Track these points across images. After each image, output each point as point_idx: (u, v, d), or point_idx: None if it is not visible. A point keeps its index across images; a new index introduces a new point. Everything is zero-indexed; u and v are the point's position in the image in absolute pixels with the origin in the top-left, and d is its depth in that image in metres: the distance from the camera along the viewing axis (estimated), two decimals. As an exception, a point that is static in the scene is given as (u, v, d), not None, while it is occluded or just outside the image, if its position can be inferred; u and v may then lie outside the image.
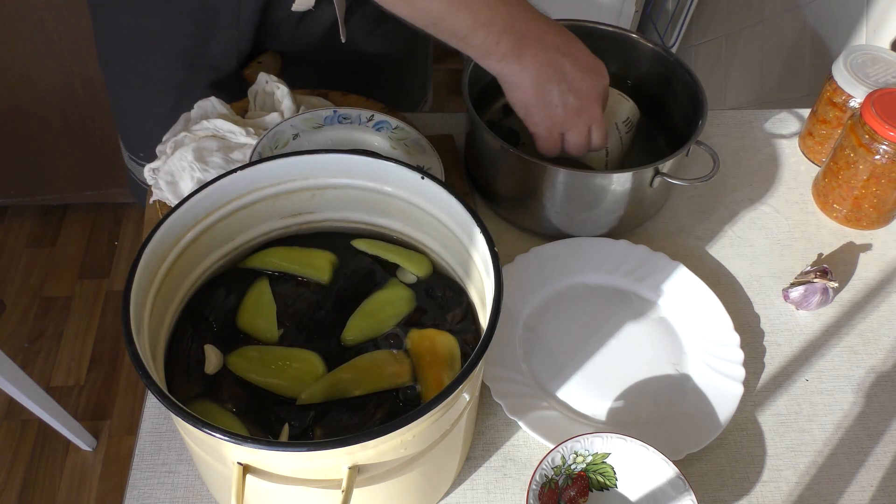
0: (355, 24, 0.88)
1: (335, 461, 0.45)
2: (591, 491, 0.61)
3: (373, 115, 0.77)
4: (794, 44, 1.34)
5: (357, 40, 0.89)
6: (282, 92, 0.80)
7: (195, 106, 0.79)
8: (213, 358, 0.55)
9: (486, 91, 0.83)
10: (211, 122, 0.75)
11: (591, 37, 0.74)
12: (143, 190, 0.83)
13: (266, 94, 0.82)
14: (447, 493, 0.62)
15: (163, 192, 0.73)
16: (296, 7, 0.81)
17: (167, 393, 0.44)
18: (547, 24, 0.66)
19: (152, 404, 0.67)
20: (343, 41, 0.84)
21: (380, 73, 0.95)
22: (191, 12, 0.82)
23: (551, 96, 0.66)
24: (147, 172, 0.75)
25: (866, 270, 0.81)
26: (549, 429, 0.64)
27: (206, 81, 0.86)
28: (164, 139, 0.77)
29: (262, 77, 0.82)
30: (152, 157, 0.76)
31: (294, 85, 0.82)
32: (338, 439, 0.42)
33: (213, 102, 0.79)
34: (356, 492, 0.47)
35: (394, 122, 0.78)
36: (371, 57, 0.93)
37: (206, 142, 0.73)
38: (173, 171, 0.73)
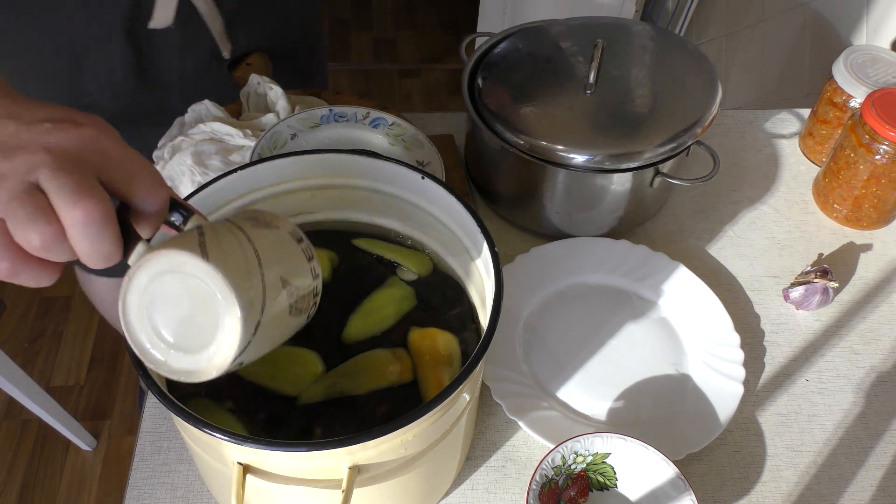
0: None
1: (335, 461, 0.45)
2: (592, 491, 0.61)
3: (368, 112, 0.77)
4: (794, 44, 1.34)
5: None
6: (276, 93, 0.80)
7: (189, 110, 0.79)
8: (212, 358, 0.54)
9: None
10: (208, 125, 0.75)
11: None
12: None
13: (258, 96, 0.82)
14: (447, 493, 0.62)
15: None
16: (153, 24, 0.77)
17: (167, 393, 0.44)
18: None
19: (152, 404, 0.67)
20: (226, 57, 0.82)
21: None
22: (59, 44, 0.79)
23: None
24: None
25: (866, 270, 0.81)
26: (550, 429, 0.64)
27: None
28: (160, 144, 0.77)
29: (254, 79, 0.81)
30: None
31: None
32: (338, 439, 0.42)
33: (206, 106, 0.78)
34: (356, 492, 0.47)
35: (390, 118, 0.78)
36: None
37: (204, 145, 0.73)
38: (173, 176, 0.73)
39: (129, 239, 0.38)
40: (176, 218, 0.41)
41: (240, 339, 0.38)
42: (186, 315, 0.38)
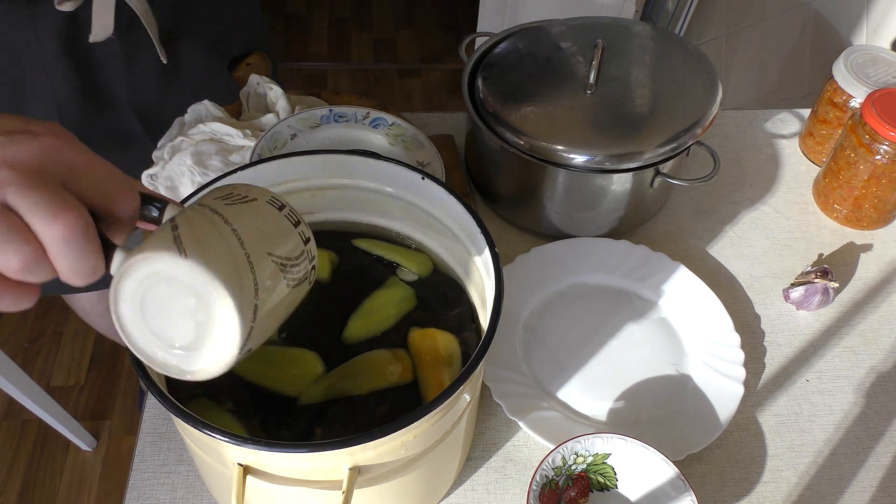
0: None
1: (336, 462, 0.45)
2: (592, 491, 0.61)
3: (368, 113, 0.77)
4: (795, 44, 1.34)
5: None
6: (276, 93, 0.79)
7: (189, 110, 0.78)
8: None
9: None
10: (207, 125, 0.75)
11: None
12: None
13: (258, 96, 0.82)
14: (448, 494, 0.62)
15: (162, 198, 0.73)
16: (93, 38, 0.74)
17: (167, 394, 0.44)
18: None
19: (152, 405, 0.67)
20: (164, 62, 0.80)
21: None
22: None
23: None
24: (145, 178, 0.75)
25: (867, 270, 0.81)
26: (550, 429, 0.64)
27: None
28: (159, 144, 0.77)
29: (254, 79, 0.81)
30: None
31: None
32: (338, 440, 0.42)
33: (206, 106, 0.78)
34: (357, 493, 0.47)
35: (390, 118, 0.78)
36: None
37: (204, 145, 0.73)
38: (172, 177, 0.73)
39: (106, 248, 0.36)
40: (151, 211, 0.39)
41: (239, 328, 0.37)
42: (181, 313, 0.37)
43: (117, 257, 0.37)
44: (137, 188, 0.38)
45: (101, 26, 0.73)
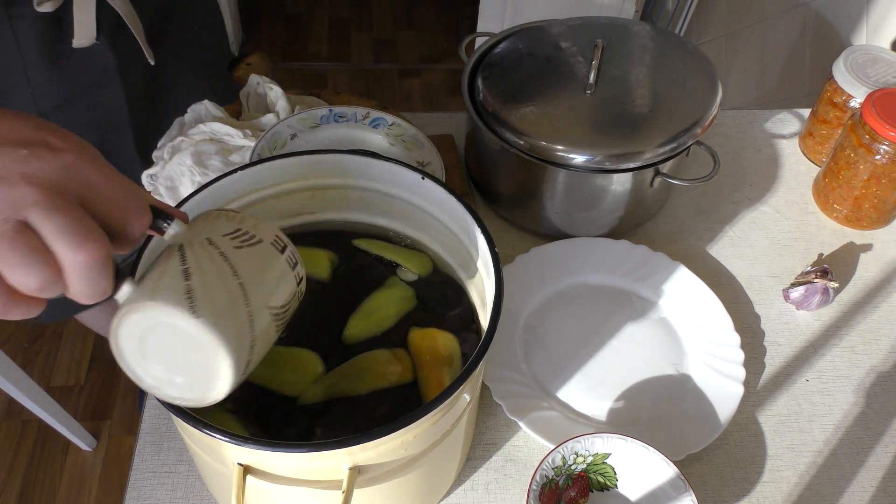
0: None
1: (336, 462, 0.45)
2: (592, 491, 0.61)
3: (368, 112, 0.77)
4: (794, 44, 1.34)
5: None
6: (276, 93, 0.80)
7: (189, 110, 0.78)
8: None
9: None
10: (207, 125, 0.75)
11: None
12: None
13: (258, 96, 0.82)
14: (447, 494, 0.62)
15: (162, 198, 0.73)
16: (76, 43, 0.72)
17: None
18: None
19: (152, 404, 0.67)
20: (152, 63, 0.79)
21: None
22: None
23: None
24: (145, 178, 0.75)
25: (866, 270, 0.81)
26: (550, 429, 0.64)
27: None
28: (159, 144, 0.77)
29: (254, 79, 0.81)
30: None
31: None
32: (338, 440, 0.42)
33: (206, 106, 0.78)
34: (356, 493, 0.47)
35: (390, 118, 0.78)
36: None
37: (204, 145, 0.73)
38: (172, 177, 0.73)
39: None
40: (160, 224, 0.40)
41: (232, 381, 0.40)
42: (179, 356, 0.39)
43: (126, 287, 0.38)
44: (150, 202, 0.39)
45: (84, 30, 0.72)
